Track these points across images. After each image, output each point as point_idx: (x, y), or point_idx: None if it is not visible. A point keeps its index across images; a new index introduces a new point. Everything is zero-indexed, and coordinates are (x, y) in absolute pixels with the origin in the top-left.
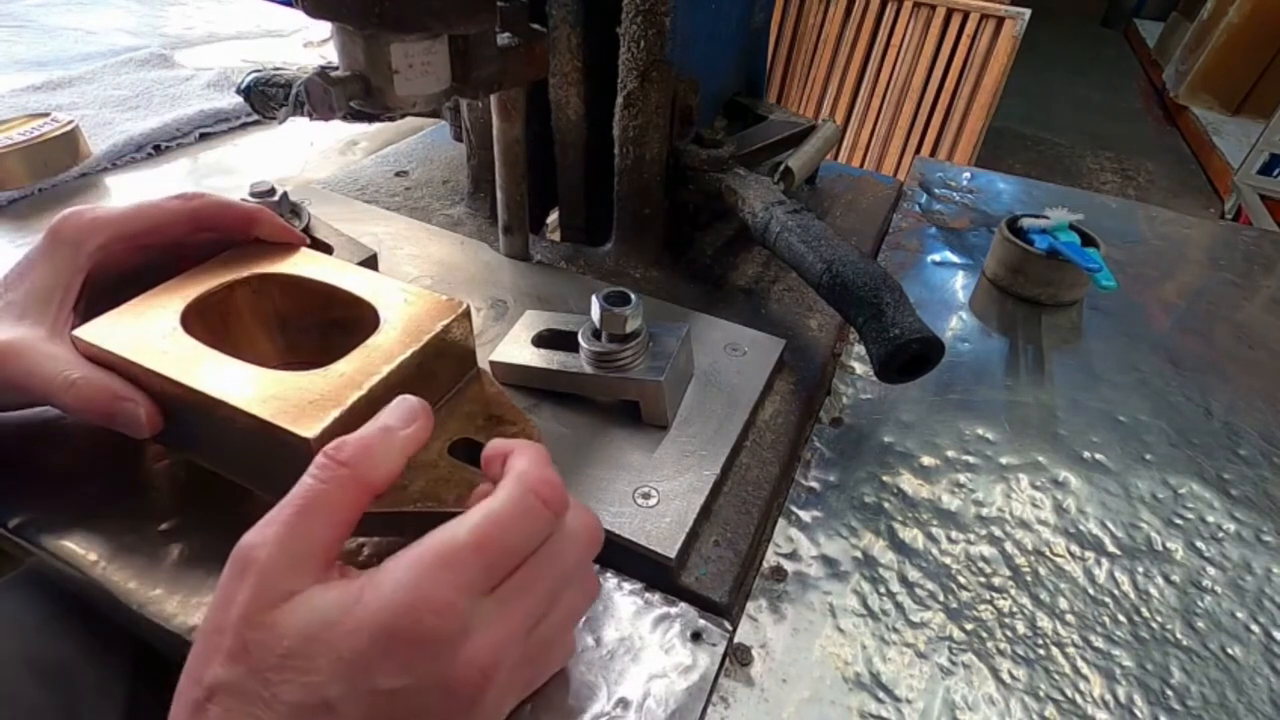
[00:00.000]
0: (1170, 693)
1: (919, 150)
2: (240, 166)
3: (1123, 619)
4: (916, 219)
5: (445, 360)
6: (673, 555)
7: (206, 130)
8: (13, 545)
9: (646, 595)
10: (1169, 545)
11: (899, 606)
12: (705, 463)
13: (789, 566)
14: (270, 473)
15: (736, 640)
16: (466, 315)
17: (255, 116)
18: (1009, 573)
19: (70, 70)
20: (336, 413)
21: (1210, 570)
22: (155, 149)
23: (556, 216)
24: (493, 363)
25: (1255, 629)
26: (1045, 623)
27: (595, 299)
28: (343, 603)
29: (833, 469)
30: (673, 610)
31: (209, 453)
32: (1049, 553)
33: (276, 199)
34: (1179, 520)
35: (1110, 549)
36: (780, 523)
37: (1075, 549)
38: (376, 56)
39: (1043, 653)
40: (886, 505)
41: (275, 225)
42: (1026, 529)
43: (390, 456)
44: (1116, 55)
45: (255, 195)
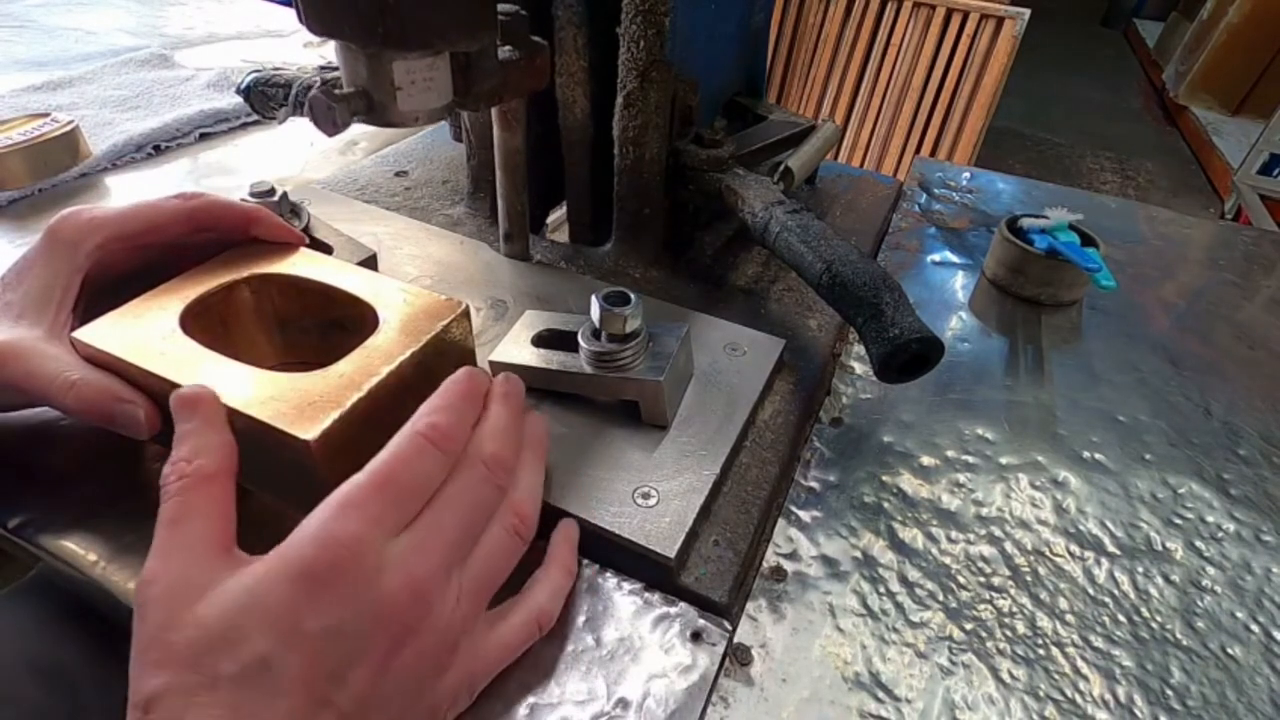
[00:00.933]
0: (1170, 693)
1: (919, 150)
2: (240, 166)
3: (1123, 619)
4: (916, 219)
5: (445, 360)
6: (672, 555)
7: (206, 130)
8: (13, 546)
9: (646, 595)
10: (1169, 545)
11: (899, 606)
12: (705, 463)
13: (789, 566)
14: (270, 474)
15: (736, 640)
16: (466, 315)
17: (255, 116)
18: (1009, 572)
19: (70, 70)
20: (336, 414)
21: (1210, 570)
22: (155, 149)
23: (556, 216)
24: (492, 362)
25: (1255, 629)
26: (1045, 622)
27: (595, 299)
28: (256, 572)
29: (832, 469)
30: (673, 610)
31: None
32: (1049, 553)
33: (276, 199)
34: (1179, 520)
35: (1110, 549)
36: (780, 523)
37: (1075, 549)
38: (379, 73)
39: (1042, 652)
40: (886, 505)
41: (274, 225)
42: (1026, 529)
43: (210, 440)
44: (1116, 55)
45: (255, 195)
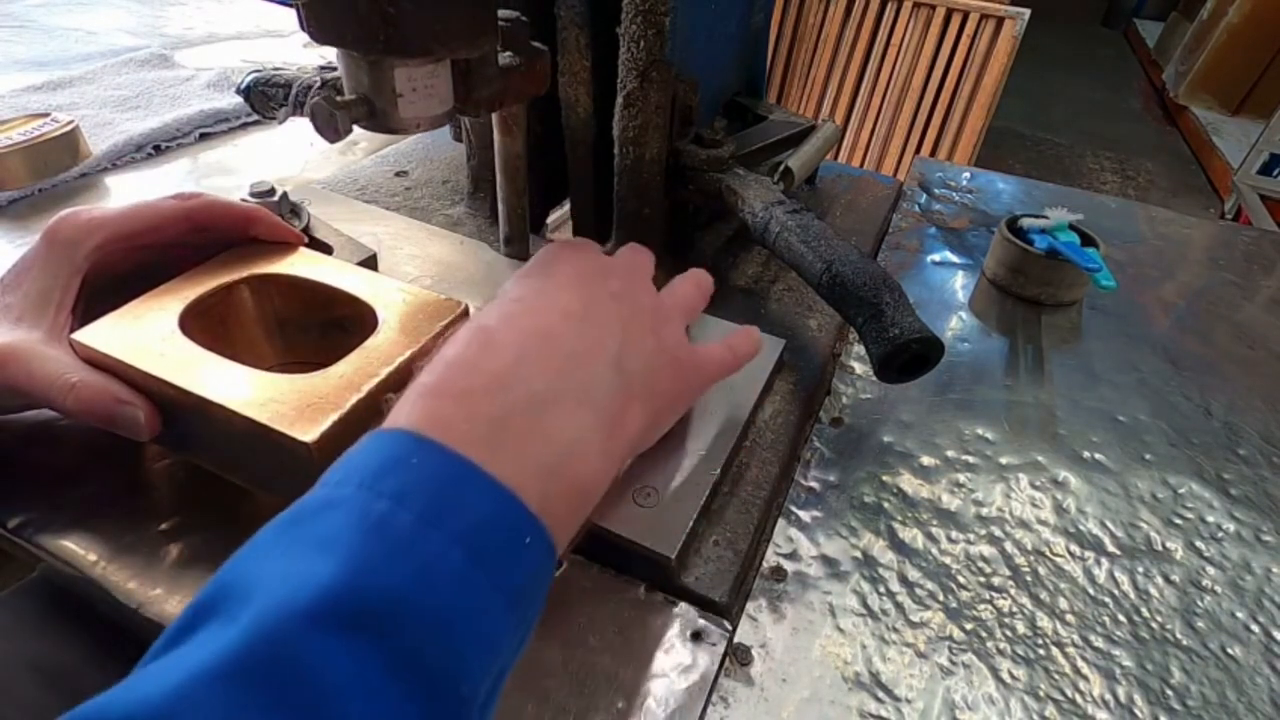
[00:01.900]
0: (1170, 692)
1: (919, 150)
2: (240, 166)
3: (1123, 619)
4: (916, 219)
5: None
6: (673, 555)
7: (206, 130)
8: (12, 546)
9: (646, 595)
10: (1169, 545)
11: (899, 606)
12: (705, 463)
13: (789, 566)
14: (270, 475)
15: (736, 640)
16: (465, 315)
17: (255, 116)
18: (1009, 572)
19: (70, 70)
20: (335, 415)
21: (1210, 570)
22: (155, 149)
23: (557, 216)
24: None
25: (1255, 629)
26: (1045, 622)
27: None
28: None
29: (832, 469)
30: (673, 610)
31: (208, 455)
32: (1049, 552)
33: (276, 199)
34: (1179, 520)
35: (1110, 549)
36: (780, 523)
37: (1075, 549)
38: (380, 80)
39: (1043, 652)
40: (886, 505)
41: (273, 225)
42: (1026, 529)
43: None
44: (1116, 55)
45: (255, 195)
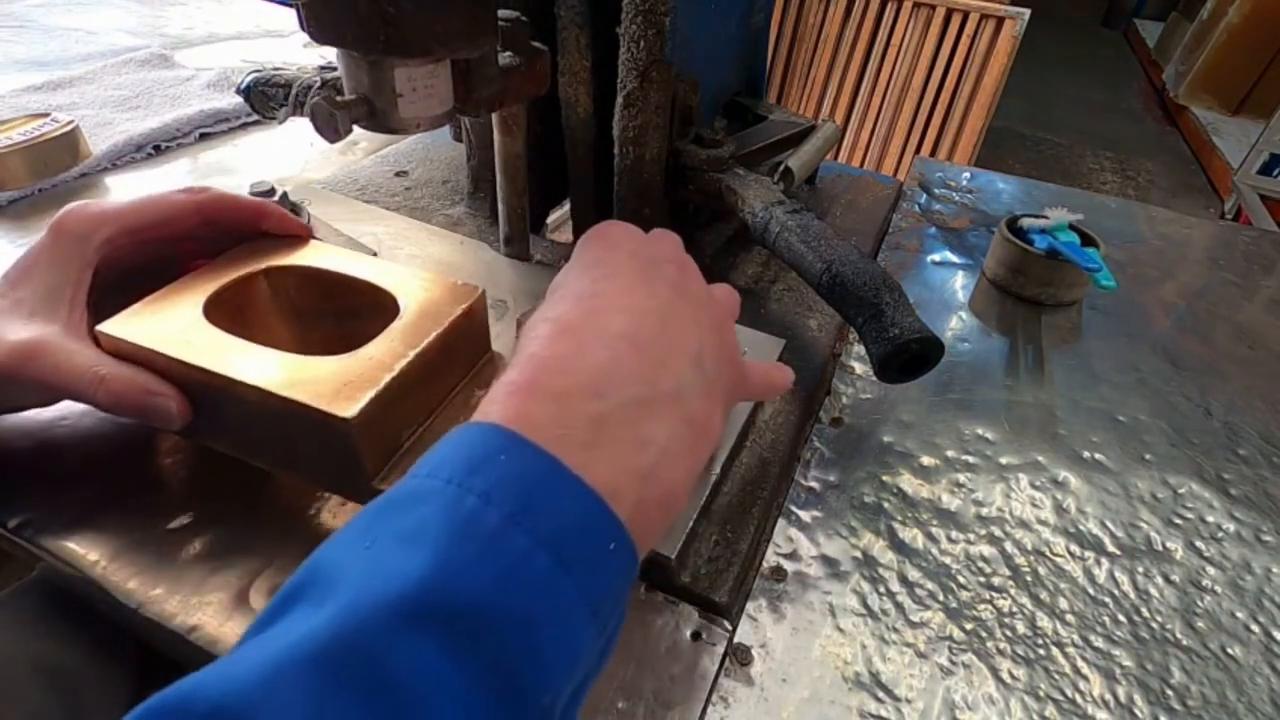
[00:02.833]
0: (1170, 693)
1: (919, 150)
2: (240, 166)
3: (1123, 619)
4: (916, 219)
5: (464, 343)
6: (673, 555)
7: (206, 130)
8: (13, 546)
9: (646, 595)
10: (1169, 545)
11: (899, 606)
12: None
13: (789, 566)
14: (300, 456)
15: (736, 640)
16: (484, 299)
17: (255, 116)
18: (1009, 572)
19: (70, 70)
20: (372, 393)
21: (1210, 570)
22: (155, 149)
23: (557, 216)
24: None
25: (1255, 629)
26: (1045, 622)
27: None
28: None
29: (833, 469)
30: (673, 610)
31: (233, 439)
32: (1049, 552)
33: (276, 199)
34: (1179, 520)
35: (1110, 549)
36: (780, 523)
37: (1075, 549)
38: (380, 80)
39: (1043, 652)
40: (886, 505)
41: (283, 218)
42: (1026, 529)
43: None
44: (1116, 55)
45: (255, 195)
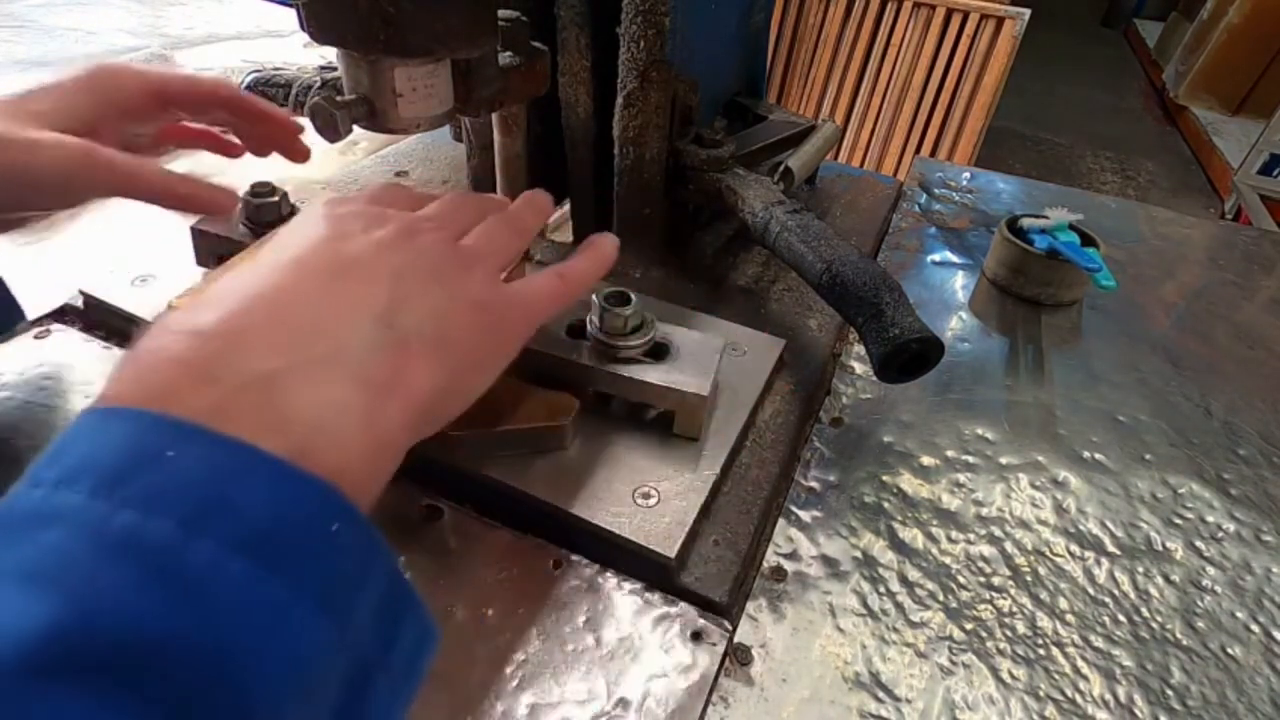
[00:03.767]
0: (1170, 692)
1: (919, 150)
2: (240, 166)
3: (1123, 619)
4: (916, 219)
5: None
6: (673, 555)
7: None
8: None
9: (646, 595)
10: (1169, 545)
11: (899, 606)
12: (705, 463)
13: (789, 566)
14: None
15: (736, 640)
16: (528, 257)
17: None
18: (1009, 572)
19: None
20: None
21: (1210, 570)
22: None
23: (557, 216)
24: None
25: (1255, 629)
26: (1045, 622)
27: (595, 299)
28: None
29: (832, 469)
30: (673, 610)
31: None
32: (1049, 552)
33: (276, 199)
34: (1179, 520)
35: (1110, 549)
36: (780, 523)
37: (1075, 549)
38: (380, 80)
39: (1043, 652)
40: (886, 505)
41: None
42: (1026, 529)
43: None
44: (1116, 55)
45: (255, 195)
